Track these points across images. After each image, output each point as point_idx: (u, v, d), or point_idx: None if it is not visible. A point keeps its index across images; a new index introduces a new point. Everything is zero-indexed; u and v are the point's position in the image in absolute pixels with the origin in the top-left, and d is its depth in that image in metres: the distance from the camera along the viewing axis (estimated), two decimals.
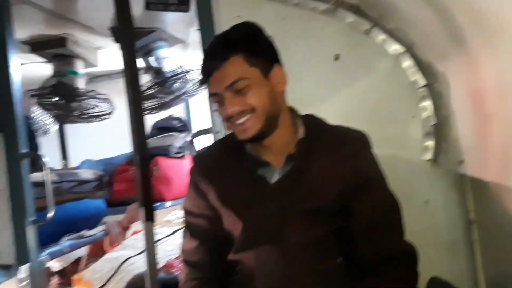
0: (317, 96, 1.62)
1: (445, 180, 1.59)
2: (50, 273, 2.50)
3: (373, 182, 1.18)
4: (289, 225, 1.14)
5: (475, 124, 1.14)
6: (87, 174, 2.45)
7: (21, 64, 2.27)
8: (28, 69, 2.79)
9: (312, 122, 1.23)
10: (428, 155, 1.57)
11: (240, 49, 1.10)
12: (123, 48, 1.62)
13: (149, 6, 1.81)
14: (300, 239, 1.13)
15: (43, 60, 2.71)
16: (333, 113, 1.40)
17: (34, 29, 2.44)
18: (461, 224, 1.57)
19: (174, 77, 2.87)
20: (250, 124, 1.10)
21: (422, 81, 1.55)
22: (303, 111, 1.25)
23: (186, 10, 1.84)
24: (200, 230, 1.26)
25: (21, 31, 2.29)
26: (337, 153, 1.17)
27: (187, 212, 1.30)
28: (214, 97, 1.13)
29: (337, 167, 1.15)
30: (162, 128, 3.42)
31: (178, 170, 3.08)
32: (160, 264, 1.90)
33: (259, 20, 1.16)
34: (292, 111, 1.23)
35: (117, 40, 2.27)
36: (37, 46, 2.52)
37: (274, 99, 1.13)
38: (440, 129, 1.53)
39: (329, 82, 1.64)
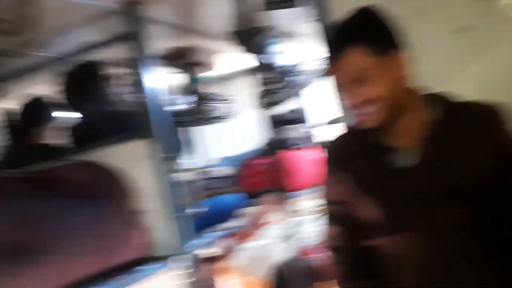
0: (447, 71, 1.55)
1: None
2: (202, 260, 2.73)
3: None
4: (431, 209, 1.11)
5: None
6: (223, 171, 2.64)
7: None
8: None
9: (444, 101, 1.18)
10: None
11: (358, 40, 1.10)
12: (246, 49, 1.72)
13: (270, 6, 1.87)
14: (445, 223, 1.10)
15: (176, 70, 2.97)
16: (467, 88, 1.34)
17: (164, 44, 2.69)
18: None
19: (289, 71, 2.94)
20: (374, 114, 1.11)
21: None
22: (433, 89, 1.21)
23: (304, 4, 1.86)
24: (340, 217, 1.30)
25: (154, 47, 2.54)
26: (475, 130, 1.12)
27: (327, 201, 1.34)
28: (339, 87, 1.17)
29: (477, 144, 1.11)
30: (281, 121, 3.52)
31: (299, 161, 3.14)
32: (297, 251, 1.98)
33: (377, 1, 1.14)
34: (420, 91, 1.19)
35: (240, 42, 2.39)
36: (169, 58, 2.78)
37: (397, 85, 1.12)
38: None
39: (459, 55, 1.56)
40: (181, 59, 2.76)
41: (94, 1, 2.02)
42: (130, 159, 2.01)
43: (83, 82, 2.12)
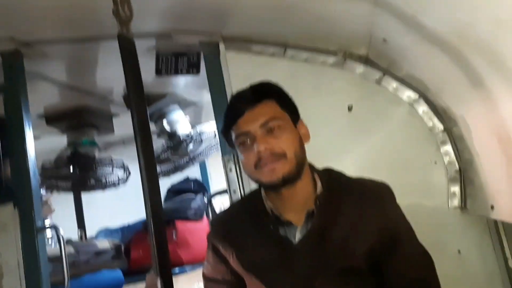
0: (334, 148, 1.59)
1: (477, 227, 1.50)
2: None
3: (402, 237, 1.11)
4: (319, 286, 1.06)
5: (503, 166, 1.08)
6: (103, 244, 2.40)
7: (37, 137, 2.30)
8: (43, 141, 2.83)
9: (331, 176, 1.18)
10: (456, 202, 1.50)
11: (272, 96, 1.12)
12: (134, 116, 1.62)
13: (159, 72, 1.84)
14: None
15: (58, 131, 2.76)
16: (352, 164, 1.36)
17: (48, 102, 2.49)
18: (499, 272, 1.47)
19: (188, 140, 2.87)
20: (280, 166, 1.06)
21: (440, 125, 1.51)
22: (320, 165, 1.21)
23: (196, 72, 1.85)
24: None
25: (36, 105, 2.33)
26: (361, 208, 1.10)
27: (207, 279, 1.24)
28: (243, 137, 1.10)
29: (363, 223, 1.09)
30: (178, 191, 3.39)
31: (197, 233, 3.02)
32: None
33: (270, 78, 1.16)
34: (310, 166, 1.19)
35: (129, 107, 2.29)
36: (53, 118, 2.56)
37: (302, 148, 1.12)
38: (465, 174, 1.47)
39: (345, 133, 1.61)
40: (66, 120, 2.56)
41: None
42: None
43: None
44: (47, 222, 2.35)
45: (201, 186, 3.49)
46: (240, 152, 1.12)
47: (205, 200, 3.28)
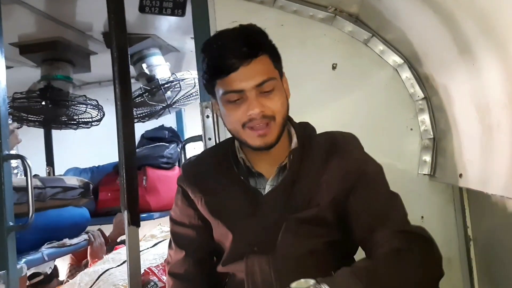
0: (314, 104, 1.58)
1: (443, 194, 1.54)
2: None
3: (369, 176, 1.11)
4: (283, 236, 1.08)
5: (478, 135, 1.10)
6: (72, 180, 2.36)
7: (9, 67, 2.21)
8: (15, 73, 2.74)
9: (307, 131, 1.18)
10: (426, 170, 1.52)
11: (266, 49, 1.05)
12: (114, 53, 1.57)
13: (143, 9, 1.77)
14: (294, 250, 1.08)
15: (32, 64, 2.65)
16: (329, 122, 1.35)
17: (24, 31, 2.38)
18: (458, 240, 1.53)
19: (166, 85, 2.81)
20: (270, 131, 1.04)
21: (420, 93, 1.52)
22: (299, 119, 1.21)
23: (181, 14, 1.79)
24: (188, 240, 1.21)
25: (10, 32, 2.23)
26: (328, 158, 1.11)
27: (174, 222, 1.24)
28: (233, 94, 1.03)
29: (329, 172, 1.09)
30: (152, 138, 3.36)
31: (167, 181, 3.02)
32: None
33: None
34: (288, 119, 1.18)
35: (109, 45, 2.21)
36: (27, 48, 2.45)
37: (288, 109, 1.10)
38: (438, 144, 1.49)
39: (326, 91, 1.60)
40: (41, 51, 2.45)
41: None
42: None
43: None
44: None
45: (175, 136, 3.46)
46: (225, 108, 1.07)
47: (179, 149, 3.26)
